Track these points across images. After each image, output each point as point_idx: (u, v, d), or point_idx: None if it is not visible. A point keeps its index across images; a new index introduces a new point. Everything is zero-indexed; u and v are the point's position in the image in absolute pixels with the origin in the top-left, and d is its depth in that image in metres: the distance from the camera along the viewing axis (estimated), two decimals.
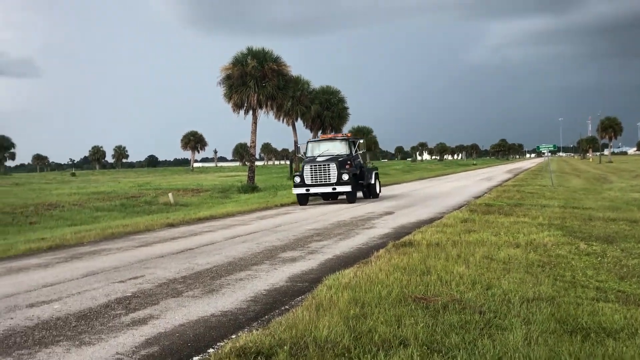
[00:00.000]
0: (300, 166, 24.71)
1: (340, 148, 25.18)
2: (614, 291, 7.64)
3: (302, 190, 24.11)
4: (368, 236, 13.91)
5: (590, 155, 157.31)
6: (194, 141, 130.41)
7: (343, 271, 8.67)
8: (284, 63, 44.44)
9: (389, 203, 23.92)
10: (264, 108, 44.54)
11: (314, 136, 61.96)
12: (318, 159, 24.28)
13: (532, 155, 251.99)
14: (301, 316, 6.18)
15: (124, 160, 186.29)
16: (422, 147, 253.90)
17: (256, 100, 42.94)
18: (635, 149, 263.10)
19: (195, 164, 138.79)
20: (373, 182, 26.35)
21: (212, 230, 16.70)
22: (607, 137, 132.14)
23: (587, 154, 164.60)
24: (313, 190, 24.03)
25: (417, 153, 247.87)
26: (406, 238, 12.06)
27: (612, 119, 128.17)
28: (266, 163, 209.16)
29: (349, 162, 24.10)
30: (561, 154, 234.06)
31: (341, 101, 61.66)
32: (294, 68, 46.98)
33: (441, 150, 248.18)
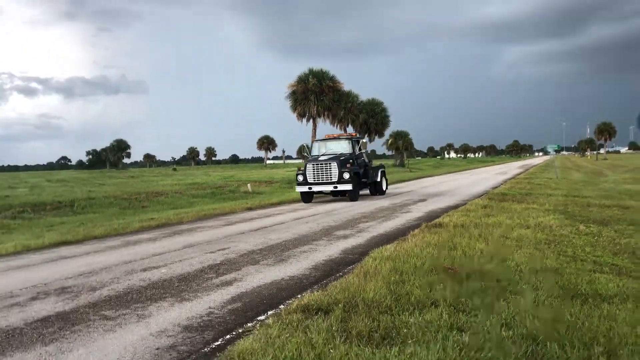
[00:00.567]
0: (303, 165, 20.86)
1: (344, 147, 21.43)
2: (609, 264, 7.39)
3: (305, 188, 20.24)
4: (405, 219, 13.79)
5: (588, 153, 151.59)
6: (267, 143, 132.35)
7: (385, 246, 8.63)
8: (338, 80, 44.71)
9: (424, 190, 23.64)
10: (322, 117, 44.87)
11: None
12: (320, 158, 20.55)
13: (540, 153, 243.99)
14: (352, 281, 6.19)
15: (213, 158, 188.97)
16: (449, 147, 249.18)
17: (315, 111, 43.37)
18: (627, 149, 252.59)
19: (267, 161, 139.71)
20: (379, 180, 22.52)
21: (281, 213, 16.80)
22: (603, 139, 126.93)
23: (586, 153, 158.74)
24: (315, 188, 20.10)
25: (445, 152, 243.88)
26: (436, 220, 11.90)
27: (608, 124, 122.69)
28: None
29: (351, 161, 20.42)
30: (564, 153, 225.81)
31: (383, 110, 61.06)
32: (346, 84, 46.78)
33: (465, 149, 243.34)
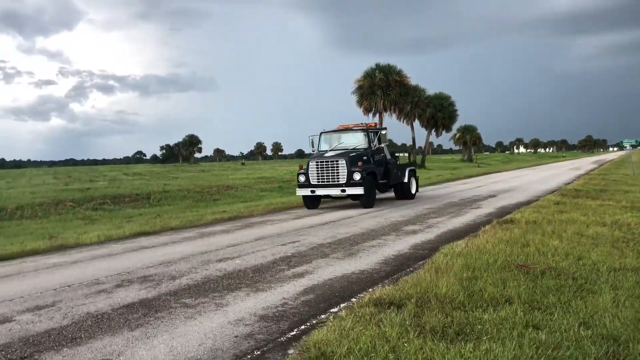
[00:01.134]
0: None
1: (359, 140, 17.25)
2: None
3: (307, 191, 16.47)
4: (475, 214, 13.53)
5: None
6: None
7: (456, 242, 8.53)
8: (405, 75, 44.44)
9: (493, 187, 23.07)
10: (388, 111, 44.64)
11: (429, 134, 60.35)
12: (327, 154, 16.68)
13: (615, 149, 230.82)
14: (423, 277, 6.16)
15: (280, 153, 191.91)
16: (519, 142, 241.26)
17: (382, 105, 43.30)
18: None
19: None
20: (407, 181, 18.67)
21: (352, 207, 16.80)
22: None
23: None
24: (319, 191, 16.30)
25: (514, 147, 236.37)
26: (508, 217, 11.63)
27: None
28: None
29: (365, 158, 16.48)
30: None
31: (451, 104, 59.79)
32: (413, 79, 46.25)
33: (535, 144, 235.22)
